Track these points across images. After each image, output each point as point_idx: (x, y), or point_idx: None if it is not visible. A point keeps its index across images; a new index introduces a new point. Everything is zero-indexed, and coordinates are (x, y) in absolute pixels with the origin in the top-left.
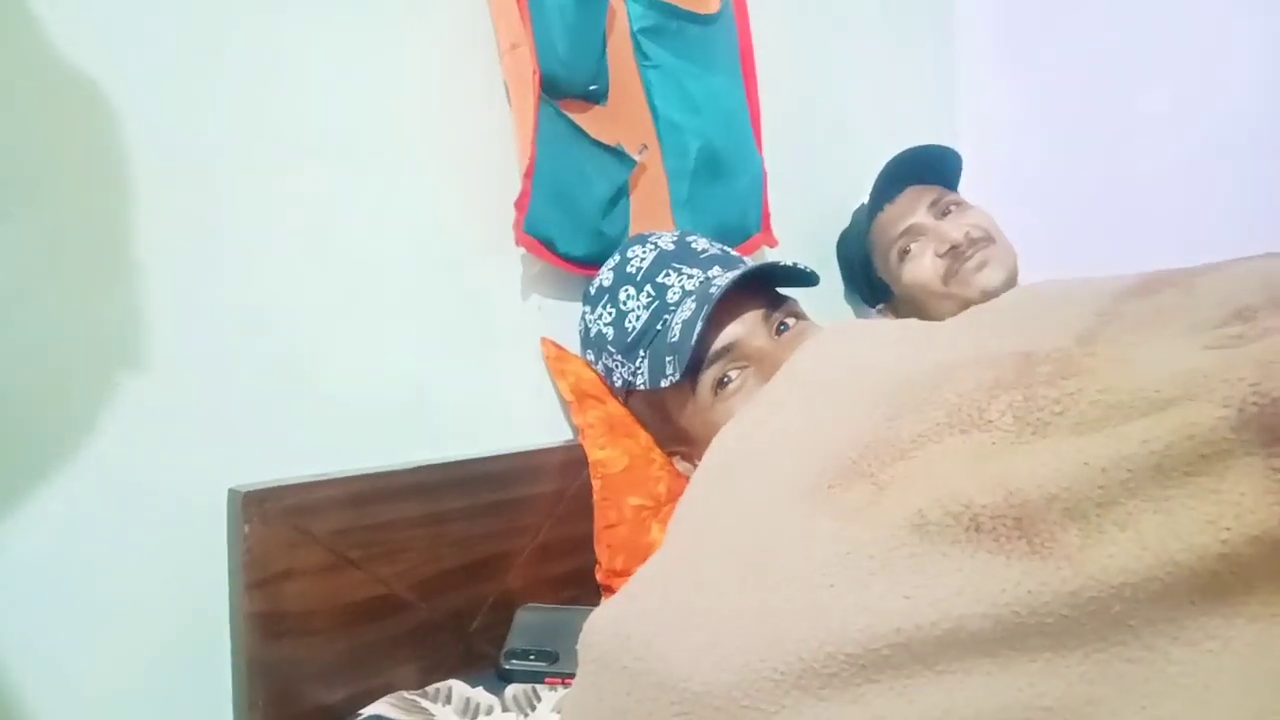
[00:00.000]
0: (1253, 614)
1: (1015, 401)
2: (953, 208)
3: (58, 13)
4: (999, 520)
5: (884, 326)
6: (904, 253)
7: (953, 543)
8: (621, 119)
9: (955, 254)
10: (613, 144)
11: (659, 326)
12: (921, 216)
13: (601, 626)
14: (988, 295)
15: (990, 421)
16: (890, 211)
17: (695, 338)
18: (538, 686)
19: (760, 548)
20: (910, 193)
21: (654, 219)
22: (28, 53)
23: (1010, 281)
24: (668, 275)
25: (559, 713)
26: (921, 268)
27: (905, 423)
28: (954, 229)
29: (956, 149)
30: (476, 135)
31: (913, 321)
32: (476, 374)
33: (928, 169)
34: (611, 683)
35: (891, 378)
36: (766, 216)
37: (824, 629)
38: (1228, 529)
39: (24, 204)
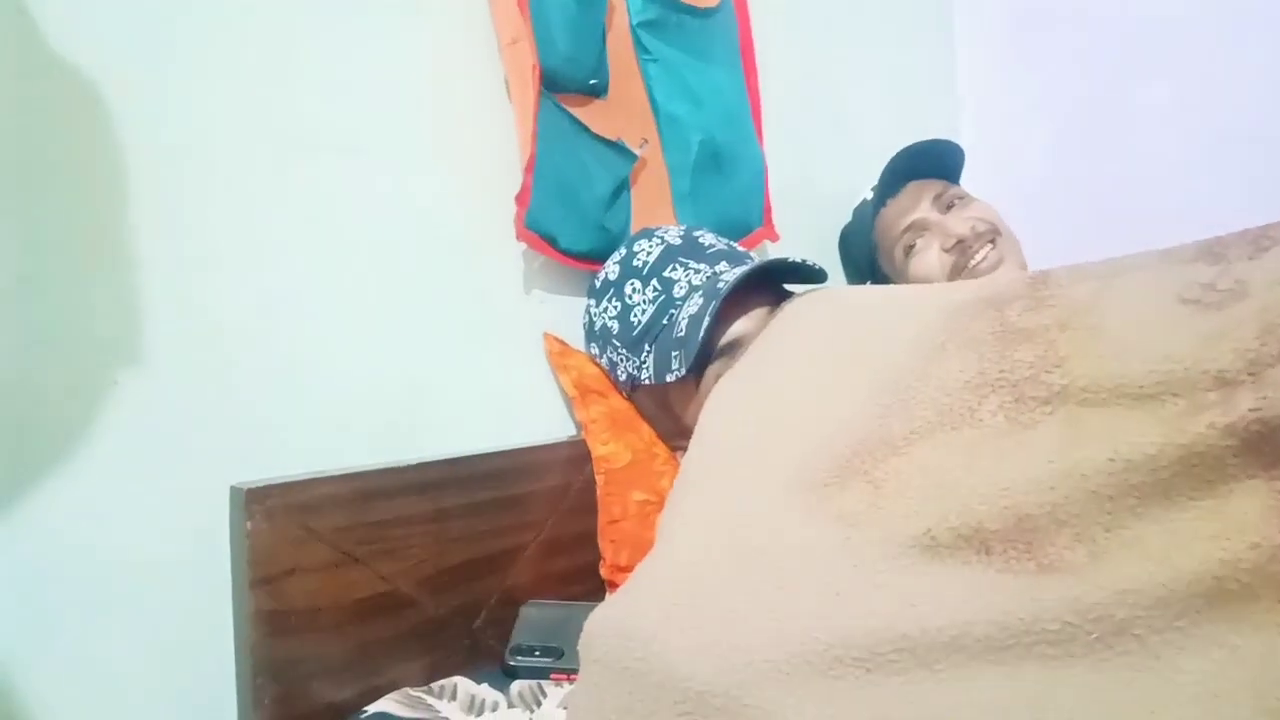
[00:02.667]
0: (1258, 622)
1: (1005, 403)
2: (956, 201)
3: (57, 9)
4: (1010, 544)
5: (856, 297)
6: (909, 249)
7: (964, 563)
8: (622, 113)
9: (961, 249)
10: (613, 138)
11: (665, 321)
12: (926, 211)
13: (601, 627)
14: None
15: (982, 421)
16: (894, 207)
17: (702, 333)
18: (543, 683)
19: (760, 548)
20: (913, 188)
21: (655, 213)
22: (26, 48)
23: None
24: (674, 270)
25: (565, 709)
26: (927, 263)
27: (896, 420)
28: (958, 224)
29: (957, 142)
30: (476, 130)
31: (884, 290)
32: (478, 370)
33: (930, 163)
34: (613, 684)
35: (877, 364)
36: (768, 210)
37: (829, 631)
38: (1229, 539)
39: (24, 200)
